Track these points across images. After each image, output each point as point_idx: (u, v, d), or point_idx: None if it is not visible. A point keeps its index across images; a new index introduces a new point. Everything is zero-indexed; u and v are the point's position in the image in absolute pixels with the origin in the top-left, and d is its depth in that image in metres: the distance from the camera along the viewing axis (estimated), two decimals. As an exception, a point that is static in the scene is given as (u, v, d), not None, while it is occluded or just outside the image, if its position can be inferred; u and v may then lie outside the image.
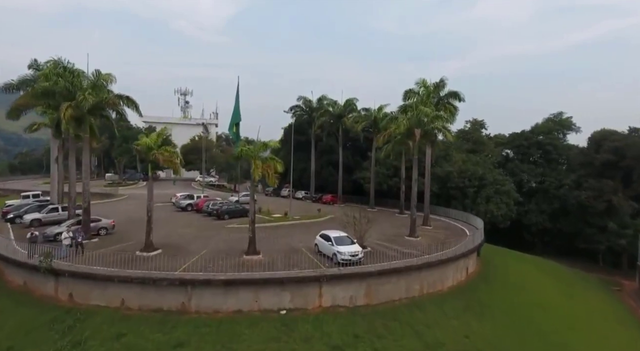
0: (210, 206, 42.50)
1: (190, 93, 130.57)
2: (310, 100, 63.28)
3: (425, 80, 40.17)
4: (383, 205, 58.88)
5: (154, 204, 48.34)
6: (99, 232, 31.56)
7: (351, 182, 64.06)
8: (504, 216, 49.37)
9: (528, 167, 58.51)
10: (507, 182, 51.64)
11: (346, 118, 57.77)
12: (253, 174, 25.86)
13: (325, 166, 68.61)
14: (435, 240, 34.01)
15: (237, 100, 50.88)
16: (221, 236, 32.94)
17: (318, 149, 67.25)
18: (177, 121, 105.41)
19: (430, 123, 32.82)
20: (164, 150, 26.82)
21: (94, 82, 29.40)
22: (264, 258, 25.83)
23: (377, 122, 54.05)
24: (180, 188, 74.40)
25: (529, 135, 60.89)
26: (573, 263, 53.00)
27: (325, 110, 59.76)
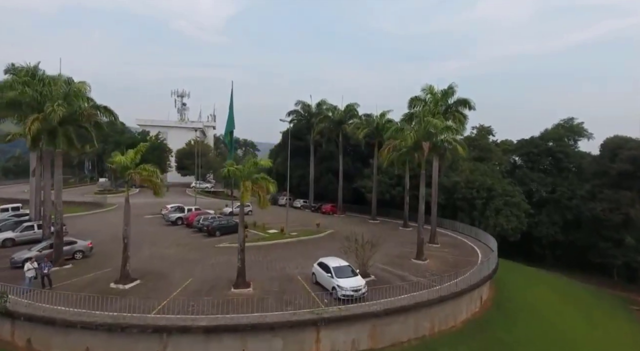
0: (200, 221, 39.46)
1: (188, 95, 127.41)
2: (309, 105, 60.23)
3: (432, 87, 37.08)
4: (385, 216, 55.83)
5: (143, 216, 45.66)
6: (75, 255, 28.51)
7: (352, 190, 61.03)
8: (514, 229, 46.33)
9: (538, 176, 55.39)
10: (517, 193, 48.58)
11: (347, 124, 54.70)
12: (241, 197, 22.79)
13: (325, 173, 65.53)
14: (444, 262, 30.99)
15: (231, 108, 47.97)
16: (210, 259, 29.90)
17: (317, 155, 64.20)
18: (173, 124, 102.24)
19: (439, 135, 29.76)
20: (142, 169, 23.72)
21: (65, 91, 26.29)
22: (254, 291, 22.80)
23: (380, 129, 51.07)
24: (173, 196, 71.37)
25: (538, 142, 57.76)
26: (586, 278, 49.97)
27: (325, 115, 56.71)
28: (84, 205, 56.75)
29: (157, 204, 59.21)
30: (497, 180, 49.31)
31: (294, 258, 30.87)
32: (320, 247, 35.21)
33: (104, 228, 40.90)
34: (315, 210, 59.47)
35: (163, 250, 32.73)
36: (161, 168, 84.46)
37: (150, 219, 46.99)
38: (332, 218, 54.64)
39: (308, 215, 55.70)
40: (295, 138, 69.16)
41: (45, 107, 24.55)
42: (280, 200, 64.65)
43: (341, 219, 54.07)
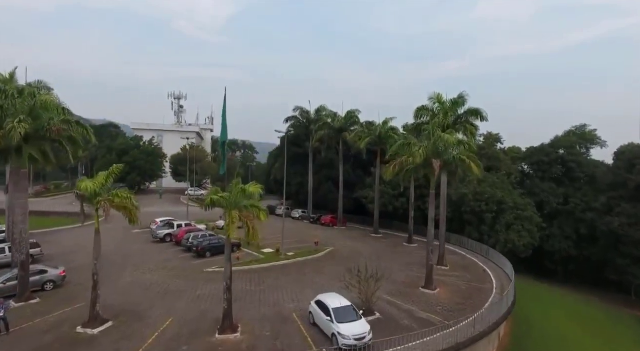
0: (190, 239, 36.38)
1: (185, 97, 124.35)
2: (308, 112, 57.13)
3: (440, 96, 34.01)
4: (388, 228, 52.86)
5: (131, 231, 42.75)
6: (44, 286, 25.46)
7: (353, 199, 58.01)
8: (526, 245, 43.29)
9: (549, 186, 52.25)
10: (529, 206, 45.51)
11: (348, 132, 51.60)
12: (227, 230, 19.74)
13: (325, 182, 62.49)
14: (456, 292, 27.93)
15: (224, 116, 45.04)
16: (196, 289, 26.81)
17: (316, 163, 61.15)
18: (168, 128, 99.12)
19: (451, 152, 26.71)
20: (114, 196, 20.63)
21: (30, 105, 23.21)
22: (242, 336, 19.76)
23: (382, 138, 48.08)
24: (166, 204, 68.37)
25: (549, 150, 54.61)
26: (601, 295, 46.91)
27: (325, 122, 53.66)
28: (69, 216, 53.59)
29: (147, 215, 56.18)
30: (508, 192, 46.25)
31: (290, 286, 27.81)
32: (319, 270, 32.17)
33: (85, 246, 37.72)
34: (315, 222, 56.46)
35: (146, 275, 29.68)
36: (155, 175, 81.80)
37: (138, 234, 43.94)
38: (332, 231, 51.61)
39: (307, 227, 52.68)
40: (293, 145, 66.17)
41: (5, 124, 21.47)
42: (278, 210, 61.68)
43: (341, 232, 51.05)
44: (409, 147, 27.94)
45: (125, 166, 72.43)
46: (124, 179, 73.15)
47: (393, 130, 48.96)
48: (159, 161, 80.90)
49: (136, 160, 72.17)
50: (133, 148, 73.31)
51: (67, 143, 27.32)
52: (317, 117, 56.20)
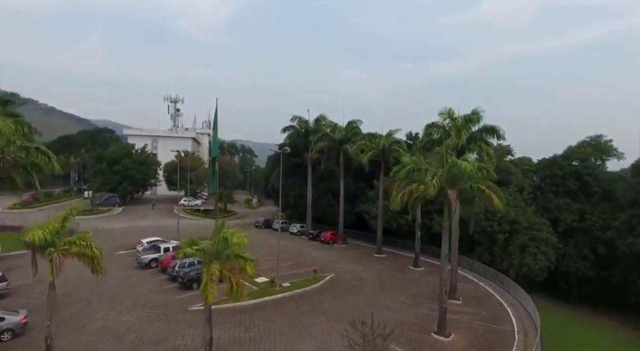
0: (176, 268, 32.88)
1: (182, 101, 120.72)
2: (307, 122, 53.64)
3: (451, 111, 30.49)
4: (392, 246, 49.45)
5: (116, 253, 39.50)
6: (1, 336, 21.97)
7: (354, 214, 54.56)
8: (542, 269, 39.85)
9: (564, 202, 48.75)
10: (545, 226, 42.04)
11: (349, 144, 48.08)
12: (203, 293, 16.27)
13: (324, 194, 59.04)
14: (473, 338, 24.45)
15: (215, 130, 41.50)
16: (176, 337, 23.28)
17: (315, 174, 57.66)
18: (163, 134, 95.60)
19: (468, 180, 23.26)
20: (70, 244, 17.16)
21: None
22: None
23: (386, 151, 44.67)
24: (158, 217, 64.79)
25: (562, 162, 51.07)
26: (622, 320, 43.50)
27: (324, 133, 50.19)
28: (54, 233, 50.12)
29: (139, 231, 52.77)
30: (521, 209, 42.79)
31: (285, 332, 24.30)
32: (318, 307, 28.72)
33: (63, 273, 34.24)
34: (314, 238, 52.97)
35: (122, 316, 26.16)
36: (148, 184, 78.14)
37: (122, 257, 40.44)
38: (331, 249, 48.17)
39: (305, 246, 49.13)
40: (291, 155, 62.69)
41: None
42: (275, 224, 58.31)
43: (342, 251, 47.62)
44: (419, 173, 24.45)
45: (116, 175, 69.45)
46: (115, 189, 69.82)
47: (397, 143, 45.53)
48: (152, 169, 77.39)
49: (127, 170, 68.67)
50: (124, 156, 69.78)
51: (31, 168, 24.10)
52: (316, 127, 52.73)
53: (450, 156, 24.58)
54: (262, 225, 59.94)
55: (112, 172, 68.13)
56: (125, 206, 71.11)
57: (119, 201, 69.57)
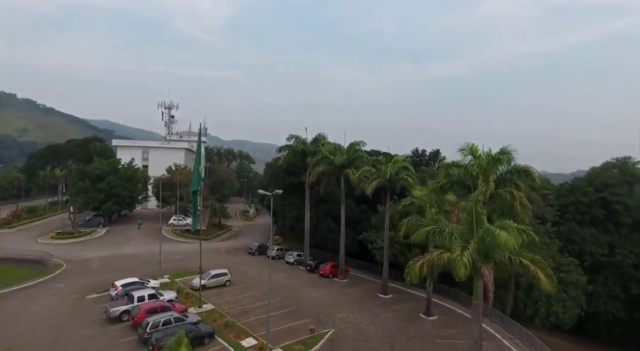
0: (148, 328, 27.65)
1: (176, 107, 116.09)
2: (304, 142, 48.46)
3: (474, 148, 25.26)
4: (398, 280, 44.08)
5: (86, 297, 34.26)
6: None
7: (357, 241, 49.38)
8: (572, 317, 34.72)
9: (590, 233, 43.56)
10: (574, 266, 36.89)
11: (352, 170, 42.75)
12: None
13: (323, 218, 53.76)
14: None
15: (198, 158, 36.31)
16: None
17: (314, 195, 52.40)
18: (155, 144, 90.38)
19: (507, 251, 18.10)
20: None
21: None
22: None
23: (393, 180, 39.48)
24: (144, 240, 59.44)
25: (587, 189, 45.73)
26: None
27: (323, 156, 44.92)
28: (23, 264, 44.90)
29: (120, 261, 47.73)
30: (546, 247, 37.56)
31: None
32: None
33: (21, 326, 29.10)
34: (312, 270, 47.68)
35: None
36: (135, 201, 72.89)
37: (93, 303, 35.14)
38: (331, 286, 42.93)
39: (302, 282, 43.69)
40: (288, 173, 57.65)
41: None
42: (270, 252, 53.02)
43: (344, 289, 42.41)
44: (442, 235, 19.24)
45: (100, 193, 64.20)
46: (99, 208, 64.69)
47: (405, 170, 40.25)
48: (140, 186, 72.27)
49: (112, 187, 63.50)
50: (109, 173, 64.59)
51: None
52: (314, 148, 47.52)
53: (481, 213, 19.41)
54: (256, 251, 54.74)
55: (95, 190, 62.97)
56: (111, 226, 65.96)
57: (103, 221, 64.40)
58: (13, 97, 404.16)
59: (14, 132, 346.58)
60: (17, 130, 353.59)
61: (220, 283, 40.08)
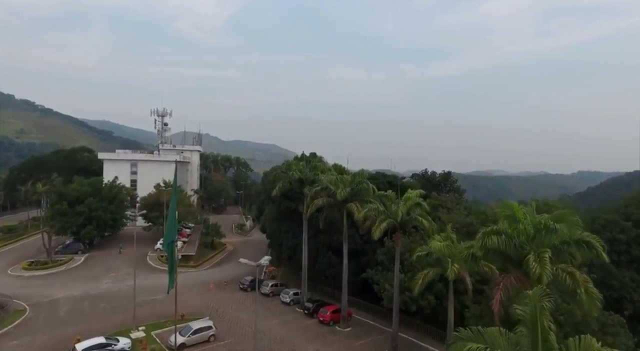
0: None
1: (169, 114, 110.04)
2: (301, 170, 42.47)
3: (517, 208, 19.23)
4: (409, 327, 38.37)
5: None
6: None
7: (361, 279, 43.44)
8: (620, 389, 28.54)
9: (630, 277, 37.61)
10: (620, 327, 30.87)
11: (356, 205, 36.59)
12: None
13: (323, 250, 47.74)
14: None
15: (174, 211, 30.23)
16: None
17: (313, 223, 46.37)
18: (144, 157, 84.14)
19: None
20: None
21: None
22: None
23: (403, 220, 33.46)
24: (124, 269, 53.36)
25: (624, 223, 39.74)
26: None
27: (323, 187, 38.90)
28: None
29: (92, 303, 41.77)
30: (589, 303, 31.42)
31: None
32: None
33: None
34: (310, 314, 41.63)
35: None
36: (119, 224, 66.67)
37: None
38: (333, 338, 36.84)
39: (298, 330, 37.72)
40: (284, 197, 51.56)
41: None
42: (264, 288, 47.13)
43: (346, 340, 36.44)
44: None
45: (79, 217, 58.04)
46: (78, 233, 58.71)
47: (419, 208, 34.13)
48: (125, 206, 66.29)
49: (93, 210, 57.46)
50: (89, 194, 58.55)
51: None
52: (312, 176, 41.55)
53: (547, 329, 13.49)
54: (249, 286, 48.66)
55: (74, 214, 56.95)
56: (92, 250, 59.90)
57: (83, 247, 58.39)
58: (11, 97, 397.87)
59: (12, 134, 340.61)
60: (15, 132, 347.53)
61: (204, 339, 34.08)
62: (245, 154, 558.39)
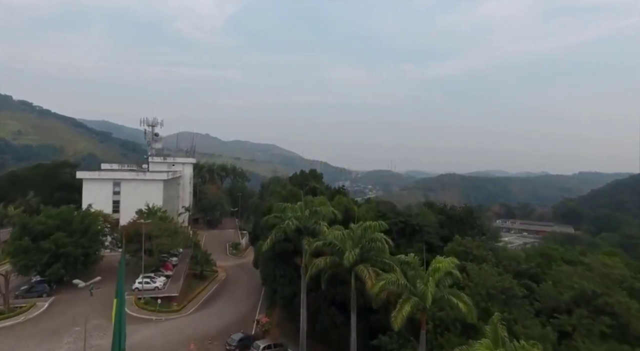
0: None
1: (160, 124, 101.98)
2: (299, 215, 34.23)
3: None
4: None
5: None
6: None
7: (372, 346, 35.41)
8: None
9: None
10: None
11: (368, 272, 28.30)
12: None
13: (325, 305, 39.52)
14: None
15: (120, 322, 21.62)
16: None
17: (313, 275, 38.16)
18: (127, 176, 75.66)
19: None
20: None
21: None
22: None
23: (434, 303, 25.23)
24: (96, 318, 44.94)
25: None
26: None
27: (326, 243, 30.69)
28: None
29: None
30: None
31: None
32: None
33: None
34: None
35: None
36: (92, 260, 57.73)
37: None
38: None
39: None
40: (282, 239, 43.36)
41: None
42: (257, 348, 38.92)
43: None
44: None
45: (44, 255, 49.53)
46: (43, 272, 50.50)
47: (450, 276, 25.93)
48: (102, 235, 58.12)
49: (61, 246, 49.23)
50: (56, 228, 50.31)
51: None
52: (312, 225, 33.27)
53: None
54: (237, 347, 40.39)
55: (38, 251, 48.72)
56: (60, 291, 51.47)
57: (49, 288, 50.15)
58: (9, 98, 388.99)
59: (9, 135, 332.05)
60: (12, 133, 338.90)
61: None
62: (245, 154, 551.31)
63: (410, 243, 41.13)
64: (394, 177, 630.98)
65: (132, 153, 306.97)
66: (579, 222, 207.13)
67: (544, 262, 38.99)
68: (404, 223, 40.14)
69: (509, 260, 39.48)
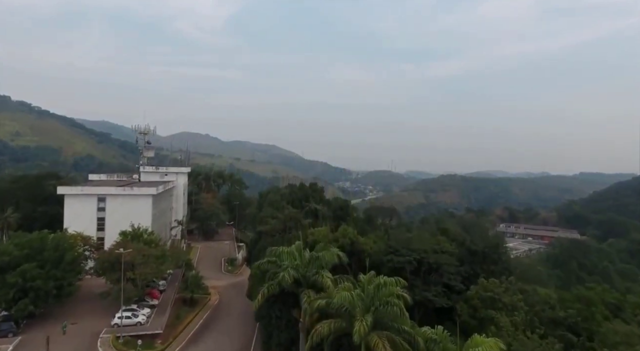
0: None
1: (153, 131, 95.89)
2: (298, 264, 28.12)
3: None
4: None
5: None
6: None
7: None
8: None
9: None
10: None
11: (382, 345, 22.28)
12: None
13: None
14: None
15: None
16: None
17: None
18: (113, 191, 69.36)
19: None
20: None
21: None
22: None
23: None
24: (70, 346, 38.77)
25: None
26: None
27: (328, 301, 24.57)
28: None
29: None
30: None
31: None
32: None
33: None
34: None
35: None
36: (66, 293, 50.60)
37: None
38: None
39: None
40: (276, 275, 37.18)
41: None
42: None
43: None
44: None
45: (10, 289, 43.21)
46: (10, 308, 44.41)
47: None
48: (83, 261, 52.09)
49: (29, 280, 43.15)
50: (24, 259, 44.24)
51: None
52: (313, 275, 27.15)
53: None
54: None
55: (4, 285, 42.69)
56: (29, 328, 45.28)
57: (15, 328, 43.99)
58: (7, 99, 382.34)
59: (7, 136, 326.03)
60: (10, 134, 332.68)
61: None
62: (245, 155, 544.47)
63: (426, 284, 35.12)
64: (395, 177, 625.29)
65: (130, 154, 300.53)
66: (584, 226, 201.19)
67: (583, 308, 32.85)
68: (418, 262, 34.06)
69: (542, 305, 33.51)
